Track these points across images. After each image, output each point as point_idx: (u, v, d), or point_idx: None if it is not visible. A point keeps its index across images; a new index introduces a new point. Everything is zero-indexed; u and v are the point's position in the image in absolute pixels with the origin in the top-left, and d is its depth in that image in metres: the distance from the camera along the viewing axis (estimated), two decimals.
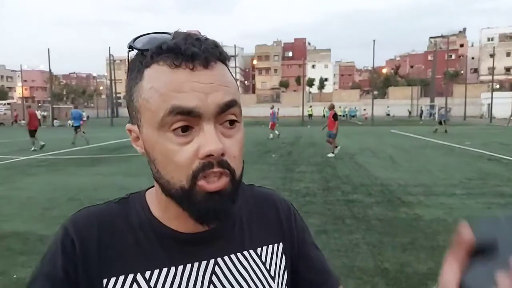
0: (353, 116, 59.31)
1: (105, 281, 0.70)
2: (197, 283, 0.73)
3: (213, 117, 0.65)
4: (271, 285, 0.79)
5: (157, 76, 0.64)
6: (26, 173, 11.70)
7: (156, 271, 0.71)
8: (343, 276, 4.40)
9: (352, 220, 6.59)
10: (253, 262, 0.79)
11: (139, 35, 0.70)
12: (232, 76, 0.71)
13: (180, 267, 0.72)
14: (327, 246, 5.34)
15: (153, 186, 0.79)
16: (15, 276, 4.50)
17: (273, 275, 0.80)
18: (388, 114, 71.29)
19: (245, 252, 0.79)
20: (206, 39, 0.67)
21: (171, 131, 0.64)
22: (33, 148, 17.99)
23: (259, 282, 0.78)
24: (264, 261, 0.80)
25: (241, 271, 0.77)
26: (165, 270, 0.72)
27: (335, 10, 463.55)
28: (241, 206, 0.82)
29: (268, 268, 0.80)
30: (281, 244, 0.84)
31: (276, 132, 24.28)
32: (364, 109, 37.31)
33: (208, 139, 0.63)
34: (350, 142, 21.23)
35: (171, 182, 0.66)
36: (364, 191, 8.77)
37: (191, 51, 0.63)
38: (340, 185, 9.51)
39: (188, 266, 0.73)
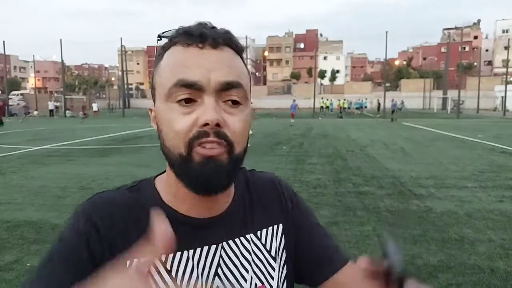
0: (357, 108, 57.24)
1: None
2: (206, 266, 0.77)
3: (214, 92, 0.70)
4: (272, 264, 0.84)
5: (172, 55, 0.73)
6: (39, 162, 11.82)
7: (170, 256, 0.74)
8: None
9: (363, 212, 6.58)
10: (254, 245, 0.83)
11: (168, 29, 0.80)
12: (246, 67, 0.78)
13: (191, 251, 0.76)
14: (337, 238, 5.33)
15: (162, 173, 0.84)
16: (28, 264, 4.54)
17: (273, 256, 0.85)
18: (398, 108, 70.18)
19: (247, 236, 0.83)
20: (219, 27, 0.75)
21: (175, 102, 0.70)
22: None
23: (260, 264, 0.83)
24: (264, 243, 0.85)
25: (244, 254, 0.81)
26: (178, 254, 0.75)
27: (347, 1, 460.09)
28: (243, 191, 0.87)
29: (268, 249, 0.85)
30: (280, 225, 0.88)
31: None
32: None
33: (206, 109, 0.68)
34: (362, 134, 21.16)
35: (171, 149, 0.71)
36: (375, 183, 8.74)
37: (200, 32, 0.71)
38: (351, 177, 9.49)
39: (198, 250, 0.77)
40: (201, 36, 0.70)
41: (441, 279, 4.18)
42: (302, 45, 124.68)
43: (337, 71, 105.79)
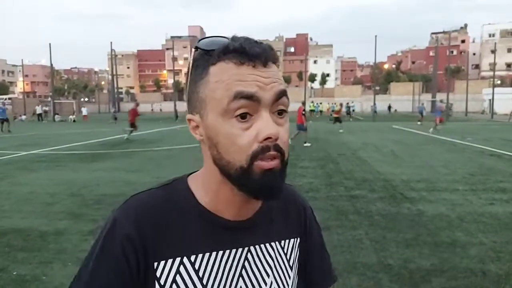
0: (347, 113, 55.59)
1: (155, 264, 0.79)
2: (232, 268, 0.84)
3: (269, 104, 0.75)
4: (289, 273, 0.92)
5: (223, 71, 0.75)
6: (27, 168, 11.65)
7: (200, 255, 0.81)
8: (346, 272, 4.38)
9: (355, 215, 6.56)
10: (277, 253, 0.91)
11: (202, 37, 0.81)
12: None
13: (220, 252, 0.82)
14: (330, 242, 5.31)
15: (193, 172, 0.89)
16: (15, 273, 4.43)
17: (291, 265, 0.93)
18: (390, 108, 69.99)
19: (272, 243, 0.90)
20: (262, 42, 0.79)
21: (233, 117, 0.74)
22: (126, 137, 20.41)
23: (280, 271, 0.90)
24: (285, 252, 0.92)
25: (268, 260, 0.88)
26: (207, 255, 0.82)
27: (336, 5, 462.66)
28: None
29: (288, 259, 0.93)
30: (298, 238, 0.96)
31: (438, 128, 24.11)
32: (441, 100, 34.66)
33: (267, 124, 0.74)
34: (353, 137, 21.21)
35: (232, 163, 0.75)
36: (367, 187, 8.74)
37: (254, 51, 0.75)
38: (343, 180, 9.49)
39: (227, 252, 0.83)
40: (254, 56, 0.75)
41: (434, 283, 4.17)
42: (292, 49, 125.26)
43: (327, 75, 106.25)
